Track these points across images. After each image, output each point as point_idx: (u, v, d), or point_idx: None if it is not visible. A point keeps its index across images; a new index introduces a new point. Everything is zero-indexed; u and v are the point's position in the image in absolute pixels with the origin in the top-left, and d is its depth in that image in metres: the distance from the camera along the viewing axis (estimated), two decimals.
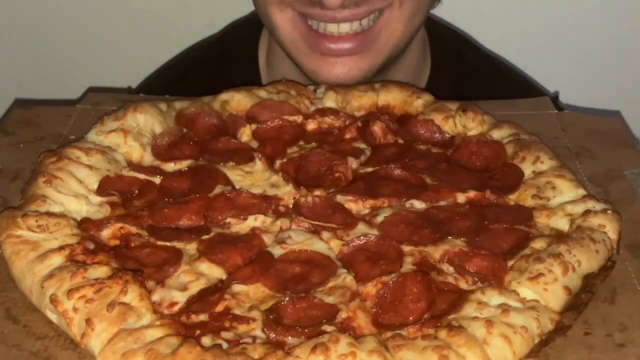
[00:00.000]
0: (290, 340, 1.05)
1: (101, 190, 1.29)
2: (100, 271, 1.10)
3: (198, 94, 1.56)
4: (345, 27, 1.67)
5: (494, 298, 1.10)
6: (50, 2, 2.38)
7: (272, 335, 1.05)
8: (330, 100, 1.56)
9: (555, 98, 1.72)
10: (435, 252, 1.20)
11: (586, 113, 1.63)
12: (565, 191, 1.31)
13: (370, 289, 1.14)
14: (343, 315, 1.08)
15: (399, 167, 1.38)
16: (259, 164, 1.38)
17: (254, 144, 1.46)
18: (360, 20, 1.68)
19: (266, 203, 1.30)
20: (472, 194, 1.33)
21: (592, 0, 2.31)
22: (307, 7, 1.66)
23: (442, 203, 1.32)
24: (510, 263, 1.18)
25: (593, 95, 2.26)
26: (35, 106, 1.58)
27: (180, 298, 1.11)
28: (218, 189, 1.32)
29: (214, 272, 1.16)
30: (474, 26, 2.25)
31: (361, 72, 1.70)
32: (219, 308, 1.10)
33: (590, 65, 2.37)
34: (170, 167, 1.38)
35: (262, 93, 1.55)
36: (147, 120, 1.43)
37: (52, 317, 1.09)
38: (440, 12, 2.02)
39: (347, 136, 1.48)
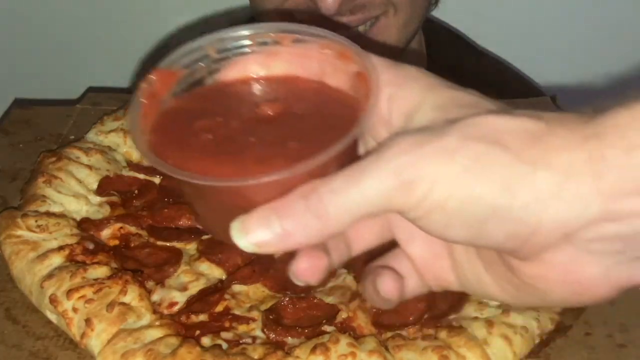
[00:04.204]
0: (290, 340, 1.05)
1: (101, 190, 1.29)
2: (100, 271, 1.10)
3: None
4: (341, 33, 1.69)
5: None
6: (50, 2, 2.38)
7: (272, 336, 1.05)
8: None
9: (553, 98, 1.72)
10: None
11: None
12: None
13: None
14: (343, 315, 1.08)
15: None
16: None
17: None
18: (356, 27, 1.69)
19: None
20: None
21: (593, 0, 2.31)
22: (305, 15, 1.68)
23: None
24: None
25: (593, 96, 2.26)
26: (35, 106, 1.57)
27: (180, 298, 1.11)
28: None
29: (213, 272, 1.16)
30: (474, 26, 2.24)
31: None
32: (219, 308, 1.10)
33: (590, 65, 2.37)
34: None
35: None
36: None
37: (52, 317, 1.09)
38: (439, 11, 2.02)
39: None
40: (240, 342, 1.04)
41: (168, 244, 1.21)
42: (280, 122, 0.77)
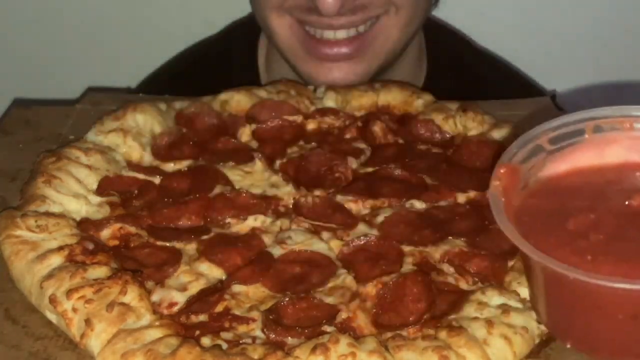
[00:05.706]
0: (290, 340, 1.05)
1: (100, 190, 1.29)
2: (100, 271, 1.10)
3: (197, 94, 1.56)
4: (341, 34, 1.70)
5: (494, 298, 1.09)
6: (50, 1, 2.38)
7: (272, 336, 1.05)
8: (331, 100, 1.56)
9: (552, 97, 1.72)
10: (436, 252, 1.20)
11: None
12: None
13: (370, 289, 1.14)
14: (343, 315, 1.08)
15: (399, 167, 1.38)
16: (258, 164, 1.38)
17: (254, 144, 1.46)
18: (357, 27, 1.69)
19: (266, 203, 1.30)
20: (472, 194, 1.33)
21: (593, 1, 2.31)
22: (305, 14, 1.68)
23: (442, 203, 1.31)
24: (510, 263, 1.17)
25: (593, 95, 2.26)
26: (35, 106, 1.58)
27: (180, 298, 1.11)
28: (218, 189, 1.31)
29: (213, 272, 1.16)
30: (474, 26, 2.24)
31: (357, 77, 1.72)
32: (219, 308, 1.10)
33: (590, 65, 2.37)
34: (169, 167, 1.38)
35: (262, 93, 1.55)
36: (147, 120, 1.43)
37: (52, 317, 1.09)
38: (439, 11, 2.02)
39: (347, 136, 1.48)
40: (240, 342, 1.04)
41: (168, 244, 1.21)
42: None
